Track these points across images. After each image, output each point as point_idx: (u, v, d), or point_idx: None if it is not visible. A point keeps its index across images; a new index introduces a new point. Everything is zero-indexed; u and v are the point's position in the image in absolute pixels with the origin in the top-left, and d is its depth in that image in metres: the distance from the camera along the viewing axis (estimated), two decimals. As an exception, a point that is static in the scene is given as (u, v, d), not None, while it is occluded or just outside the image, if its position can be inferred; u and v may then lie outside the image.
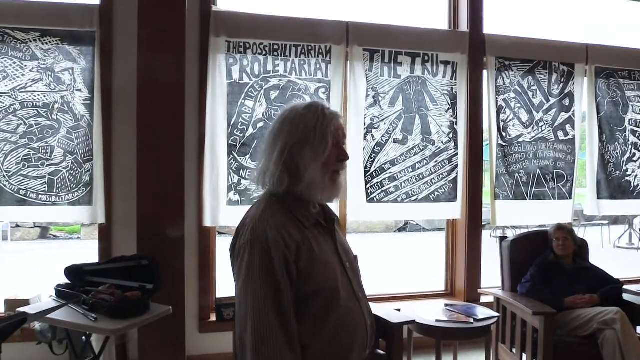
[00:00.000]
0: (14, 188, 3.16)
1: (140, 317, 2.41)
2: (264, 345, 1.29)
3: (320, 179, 1.40)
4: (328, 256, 1.43)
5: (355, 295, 1.47)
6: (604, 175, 4.21)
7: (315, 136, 1.38)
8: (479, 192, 3.99)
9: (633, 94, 4.26)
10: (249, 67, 3.46)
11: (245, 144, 3.46)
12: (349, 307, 1.43)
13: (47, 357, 3.07)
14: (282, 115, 1.45)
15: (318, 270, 1.38)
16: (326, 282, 1.39)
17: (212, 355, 3.43)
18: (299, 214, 1.41)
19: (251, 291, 1.33)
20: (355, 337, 1.44)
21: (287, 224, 1.37)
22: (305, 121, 1.39)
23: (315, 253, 1.39)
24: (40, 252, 8.88)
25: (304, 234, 1.39)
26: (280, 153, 1.38)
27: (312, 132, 1.39)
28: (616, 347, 2.86)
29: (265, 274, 1.31)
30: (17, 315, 1.82)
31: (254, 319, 1.30)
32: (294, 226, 1.38)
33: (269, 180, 1.40)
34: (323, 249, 1.43)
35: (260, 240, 1.33)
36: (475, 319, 2.98)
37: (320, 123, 1.39)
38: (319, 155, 1.39)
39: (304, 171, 1.39)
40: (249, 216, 1.42)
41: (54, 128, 3.21)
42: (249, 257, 1.33)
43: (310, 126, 1.39)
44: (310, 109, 1.41)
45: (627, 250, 9.57)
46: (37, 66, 3.19)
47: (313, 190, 1.41)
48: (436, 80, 3.81)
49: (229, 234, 9.30)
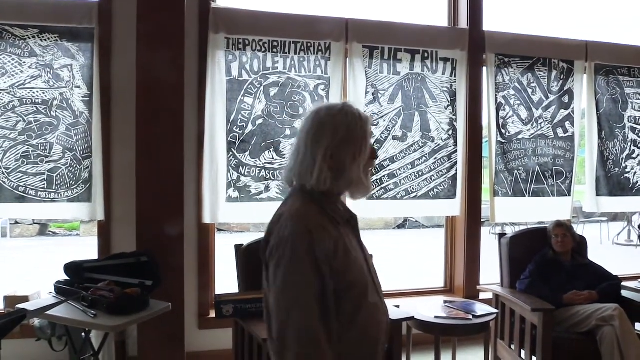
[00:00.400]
0: (13, 185, 3.16)
1: (139, 314, 2.42)
2: (307, 341, 1.30)
3: (359, 178, 1.46)
4: (357, 252, 1.48)
5: (377, 292, 1.50)
6: (603, 172, 4.21)
7: (358, 137, 1.45)
8: (478, 189, 3.99)
9: (632, 91, 4.26)
10: (248, 64, 3.46)
11: (245, 140, 3.46)
12: (375, 303, 1.46)
13: (47, 354, 3.08)
14: (317, 117, 1.48)
15: (352, 266, 1.42)
16: (358, 277, 1.43)
17: (211, 351, 3.44)
18: (331, 211, 1.46)
19: (294, 286, 1.33)
20: (381, 332, 1.48)
21: (323, 221, 1.41)
22: (347, 123, 1.45)
23: (349, 249, 1.43)
24: (40, 249, 8.88)
25: (338, 230, 1.43)
26: (324, 153, 1.43)
27: (354, 134, 1.45)
28: (614, 343, 2.86)
29: (309, 270, 1.32)
30: (17, 311, 1.82)
31: (298, 314, 1.31)
32: (330, 222, 1.42)
33: (310, 179, 1.43)
34: (353, 245, 1.47)
35: (302, 237, 1.34)
36: (474, 315, 2.99)
37: (360, 125, 1.46)
38: (360, 155, 1.45)
39: (346, 170, 1.44)
40: (284, 212, 1.43)
41: (53, 125, 3.21)
42: (290, 252, 1.33)
43: (352, 128, 1.44)
44: (348, 111, 1.46)
45: (625, 247, 9.59)
46: (35, 63, 3.18)
47: (353, 188, 1.48)
48: (436, 77, 3.81)
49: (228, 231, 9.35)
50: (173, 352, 3.01)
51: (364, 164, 1.47)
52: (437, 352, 2.91)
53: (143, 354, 2.97)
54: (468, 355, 3.57)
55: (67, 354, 3.02)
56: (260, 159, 3.49)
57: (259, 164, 3.49)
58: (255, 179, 3.48)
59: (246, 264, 2.80)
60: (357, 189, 1.49)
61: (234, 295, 2.70)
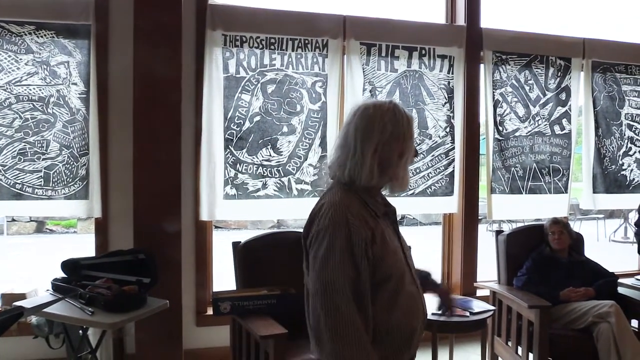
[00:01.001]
0: (9, 182, 3.15)
1: (137, 311, 2.42)
2: (343, 324, 1.34)
3: (402, 174, 1.53)
4: (395, 243, 1.54)
5: (414, 281, 1.56)
6: (599, 170, 4.22)
7: (405, 136, 1.52)
8: (475, 186, 4.00)
9: (629, 88, 4.27)
10: (245, 61, 3.45)
11: (242, 137, 3.46)
12: (412, 291, 1.52)
13: (44, 351, 3.08)
14: (366, 113, 1.52)
15: (389, 255, 1.47)
16: (395, 266, 1.49)
17: (209, 348, 3.44)
18: (370, 204, 1.51)
19: (332, 271, 1.38)
20: (417, 320, 1.53)
21: (362, 212, 1.46)
22: (395, 121, 1.50)
23: (387, 239, 1.48)
24: (37, 247, 8.87)
25: (377, 221, 1.49)
26: (374, 149, 1.48)
27: (402, 132, 1.51)
28: (611, 340, 2.88)
29: (347, 256, 1.38)
30: (14, 309, 1.81)
31: (333, 298, 1.36)
32: (368, 214, 1.48)
33: (360, 173, 1.48)
34: (391, 236, 1.53)
35: (341, 225, 1.40)
36: (471, 312, 2.99)
37: (407, 124, 1.53)
38: (406, 153, 1.52)
39: (391, 167, 1.51)
40: (325, 203, 1.48)
41: (50, 122, 3.20)
42: (329, 239, 1.39)
43: (400, 126, 1.51)
44: (396, 110, 1.52)
45: (622, 244, 9.61)
46: (32, 59, 3.17)
47: (394, 183, 1.54)
48: (433, 74, 3.81)
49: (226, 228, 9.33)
50: (171, 350, 3.01)
51: (407, 161, 1.53)
52: (434, 349, 2.92)
53: (141, 352, 2.97)
54: (465, 352, 3.58)
55: (65, 351, 3.02)
56: (258, 156, 3.49)
57: (256, 161, 3.49)
58: (253, 176, 3.48)
59: (244, 261, 2.80)
60: (397, 184, 1.55)
61: (232, 293, 2.71)
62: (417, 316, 1.52)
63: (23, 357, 3.15)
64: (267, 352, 2.35)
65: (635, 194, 4.30)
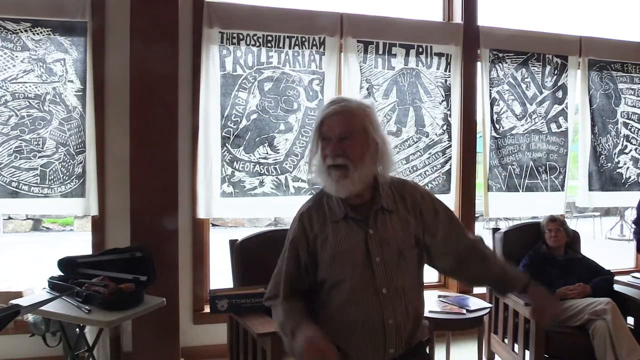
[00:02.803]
0: (5, 180, 3.14)
1: (134, 309, 2.41)
2: (272, 293, 1.64)
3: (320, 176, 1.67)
4: (346, 248, 1.53)
5: (375, 290, 1.50)
6: (596, 168, 4.23)
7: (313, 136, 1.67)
8: (472, 184, 4.00)
9: (625, 86, 4.28)
10: (242, 59, 3.45)
11: (239, 135, 3.45)
12: (357, 299, 1.50)
13: (41, 349, 3.07)
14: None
15: (326, 260, 1.54)
16: (332, 272, 1.53)
17: (206, 346, 3.44)
18: (328, 209, 1.58)
19: (282, 252, 1.66)
20: (360, 332, 1.50)
21: (313, 217, 1.59)
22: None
23: (328, 246, 1.54)
24: (33, 245, 8.84)
25: (326, 226, 1.56)
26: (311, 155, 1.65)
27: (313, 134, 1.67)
28: (607, 337, 2.89)
29: (289, 244, 1.62)
30: (10, 307, 1.81)
31: (276, 270, 1.66)
32: (320, 219, 1.58)
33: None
34: (342, 241, 1.54)
35: (295, 221, 1.64)
36: (468, 309, 3.00)
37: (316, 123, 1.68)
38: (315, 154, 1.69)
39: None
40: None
41: (46, 119, 3.19)
42: (289, 230, 1.67)
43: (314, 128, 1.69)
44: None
45: (618, 241, 9.65)
46: (28, 57, 3.16)
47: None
48: (430, 72, 3.81)
49: (223, 226, 9.32)
50: (168, 347, 3.01)
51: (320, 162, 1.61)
52: (431, 347, 2.92)
53: (138, 349, 2.97)
54: (462, 349, 3.59)
55: (62, 349, 3.01)
56: (255, 154, 3.48)
57: (253, 159, 3.48)
58: (250, 174, 3.48)
59: (241, 259, 2.80)
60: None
61: (229, 291, 2.71)
62: (359, 327, 1.50)
63: (20, 355, 3.15)
64: (264, 349, 2.35)
65: (630, 192, 4.31)
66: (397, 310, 1.50)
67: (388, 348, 1.50)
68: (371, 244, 1.52)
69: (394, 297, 1.51)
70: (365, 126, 1.51)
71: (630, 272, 3.93)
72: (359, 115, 1.51)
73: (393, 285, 1.51)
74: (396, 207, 1.58)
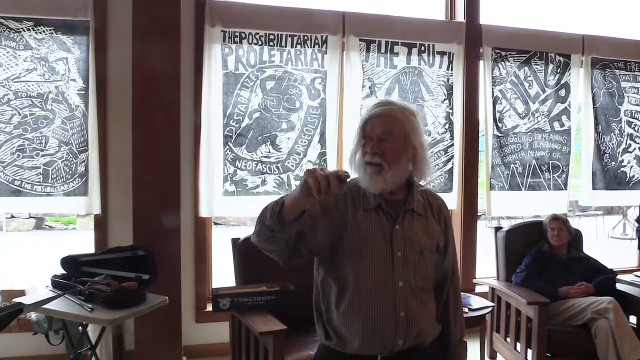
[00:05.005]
0: (8, 178, 3.15)
1: (136, 308, 2.42)
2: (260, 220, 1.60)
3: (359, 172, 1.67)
4: (371, 235, 1.55)
5: (393, 281, 1.54)
6: (599, 166, 4.22)
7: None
8: (474, 183, 4.00)
9: (629, 84, 4.27)
10: (244, 57, 3.45)
11: (241, 134, 3.45)
12: (371, 290, 1.53)
13: (44, 348, 3.08)
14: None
15: (348, 246, 1.55)
16: (352, 257, 1.54)
17: (208, 345, 3.44)
18: (363, 195, 1.59)
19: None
20: (372, 322, 1.52)
21: (347, 197, 1.59)
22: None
23: (349, 230, 1.55)
24: (36, 243, 8.86)
25: (356, 212, 1.57)
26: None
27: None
28: (609, 336, 2.89)
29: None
30: (13, 305, 1.81)
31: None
32: (353, 202, 1.58)
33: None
34: (369, 228, 1.56)
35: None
36: (470, 308, 3.00)
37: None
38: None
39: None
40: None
41: (49, 118, 3.19)
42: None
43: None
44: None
45: (621, 240, 9.63)
46: (31, 56, 3.16)
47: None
48: (432, 71, 3.81)
49: (225, 225, 9.30)
50: (170, 346, 3.02)
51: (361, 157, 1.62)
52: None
53: (140, 348, 2.97)
54: (464, 348, 3.58)
55: (64, 347, 3.02)
56: (257, 153, 3.48)
57: (255, 157, 3.48)
58: (252, 173, 3.48)
59: (243, 257, 2.80)
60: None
61: (231, 289, 2.71)
62: (372, 318, 1.52)
63: (22, 353, 3.16)
64: (266, 348, 2.35)
65: (634, 191, 4.31)
66: (410, 305, 1.54)
67: (397, 339, 1.54)
68: (395, 237, 1.56)
69: (409, 292, 1.54)
70: (405, 130, 1.57)
71: (633, 271, 3.93)
72: (400, 120, 1.57)
73: (409, 281, 1.55)
74: (425, 213, 1.64)
